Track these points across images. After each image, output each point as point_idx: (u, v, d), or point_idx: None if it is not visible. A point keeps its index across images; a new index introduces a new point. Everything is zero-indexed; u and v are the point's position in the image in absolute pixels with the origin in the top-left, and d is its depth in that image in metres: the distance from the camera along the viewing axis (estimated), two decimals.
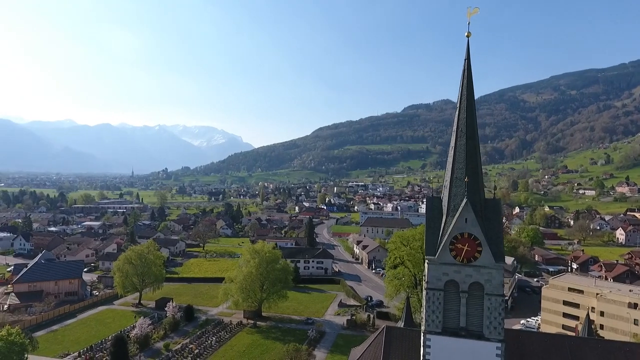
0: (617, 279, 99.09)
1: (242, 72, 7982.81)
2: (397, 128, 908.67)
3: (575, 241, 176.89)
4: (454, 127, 36.33)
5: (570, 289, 77.39)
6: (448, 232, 34.17)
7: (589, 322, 47.23)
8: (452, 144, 36.15)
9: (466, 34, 35.35)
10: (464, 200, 33.80)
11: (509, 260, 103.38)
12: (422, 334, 35.07)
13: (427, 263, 35.13)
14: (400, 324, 56.67)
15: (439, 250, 34.48)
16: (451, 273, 34.25)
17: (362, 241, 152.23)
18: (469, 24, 35.28)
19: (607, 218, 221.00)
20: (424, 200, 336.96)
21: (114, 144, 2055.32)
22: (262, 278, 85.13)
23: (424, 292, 35.43)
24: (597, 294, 73.05)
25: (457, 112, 36.38)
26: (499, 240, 34.77)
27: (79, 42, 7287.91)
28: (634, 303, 67.11)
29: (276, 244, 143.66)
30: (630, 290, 72.80)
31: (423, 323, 35.22)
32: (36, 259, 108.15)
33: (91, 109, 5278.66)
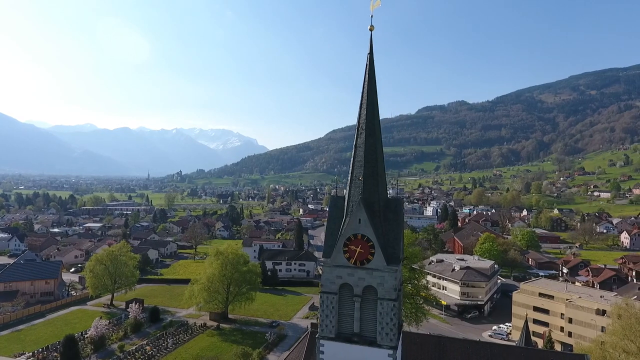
0: (603, 284, 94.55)
1: (258, 76, 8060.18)
2: (411, 130, 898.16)
3: (577, 245, 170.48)
4: (356, 124, 34.98)
5: (540, 295, 73.75)
6: (342, 233, 32.65)
7: (527, 329, 44.29)
8: (354, 142, 34.77)
9: (369, 27, 33.69)
10: (358, 200, 32.33)
11: (487, 264, 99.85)
12: (316, 339, 33.62)
13: (322, 265, 33.68)
14: None
15: (334, 251, 32.86)
16: (345, 276, 32.59)
17: None
18: (372, 17, 33.55)
19: (615, 221, 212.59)
20: (431, 202, 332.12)
21: (133, 147, 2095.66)
22: (226, 280, 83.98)
23: (319, 296, 33.96)
24: (566, 299, 69.27)
25: (359, 109, 34.97)
26: (397, 242, 33.00)
27: (101, 50, 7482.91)
28: (602, 310, 63.25)
29: (262, 246, 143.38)
30: (601, 297, 68.79)
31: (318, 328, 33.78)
32: (16, 260, 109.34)
33: (111, 114, 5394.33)
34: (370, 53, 33.69)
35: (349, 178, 34.44)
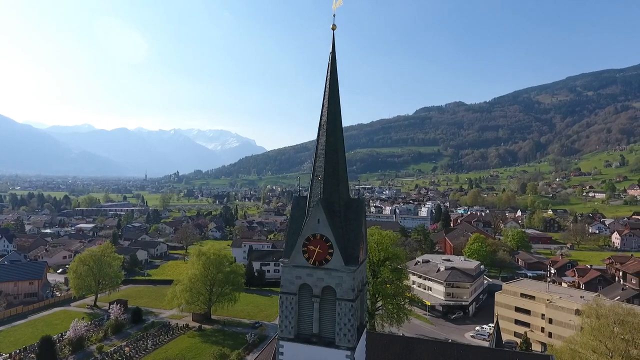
0: (589, 284, 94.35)
1: (256, 76, 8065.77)
2: (409, 131, 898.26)
3: (568, 245, 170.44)
4: (318, 123, 34.91)
5: (522, 295, 73.49)
6: (302, 233, 32.39)
7: (498, 330, 43.93)
8: (316, 141, 34.77)
9: (331, 26, 33.59)
10: (316, 200, 32.22)
11: (472, 264, 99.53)
12: (276, 340, 33.43)
13: (281, 266, 33.46)
14: None
15: (293, 252, 32.59)
16: (304, 276, 32.37)
17: None
18: (334, 16, 33.46)
19: (608, 222, 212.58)
20: (426, 203, 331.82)
21: (130, 147, 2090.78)
22: (209, 280, 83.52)
23: (279, 297, 33.73)
24: (547, 300, 68.98)
25: (321, 108, 34.90)
26: (357, 242, 32.74)
27: (99, 50, 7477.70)
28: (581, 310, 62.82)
29: (251, 246, 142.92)
30: (581, 297, 68.53)
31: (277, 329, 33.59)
32: (0, 260, 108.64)
33: (109, 114, 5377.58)
34: (333, 52, 33.65)
35: (311, 178, 34.32)
